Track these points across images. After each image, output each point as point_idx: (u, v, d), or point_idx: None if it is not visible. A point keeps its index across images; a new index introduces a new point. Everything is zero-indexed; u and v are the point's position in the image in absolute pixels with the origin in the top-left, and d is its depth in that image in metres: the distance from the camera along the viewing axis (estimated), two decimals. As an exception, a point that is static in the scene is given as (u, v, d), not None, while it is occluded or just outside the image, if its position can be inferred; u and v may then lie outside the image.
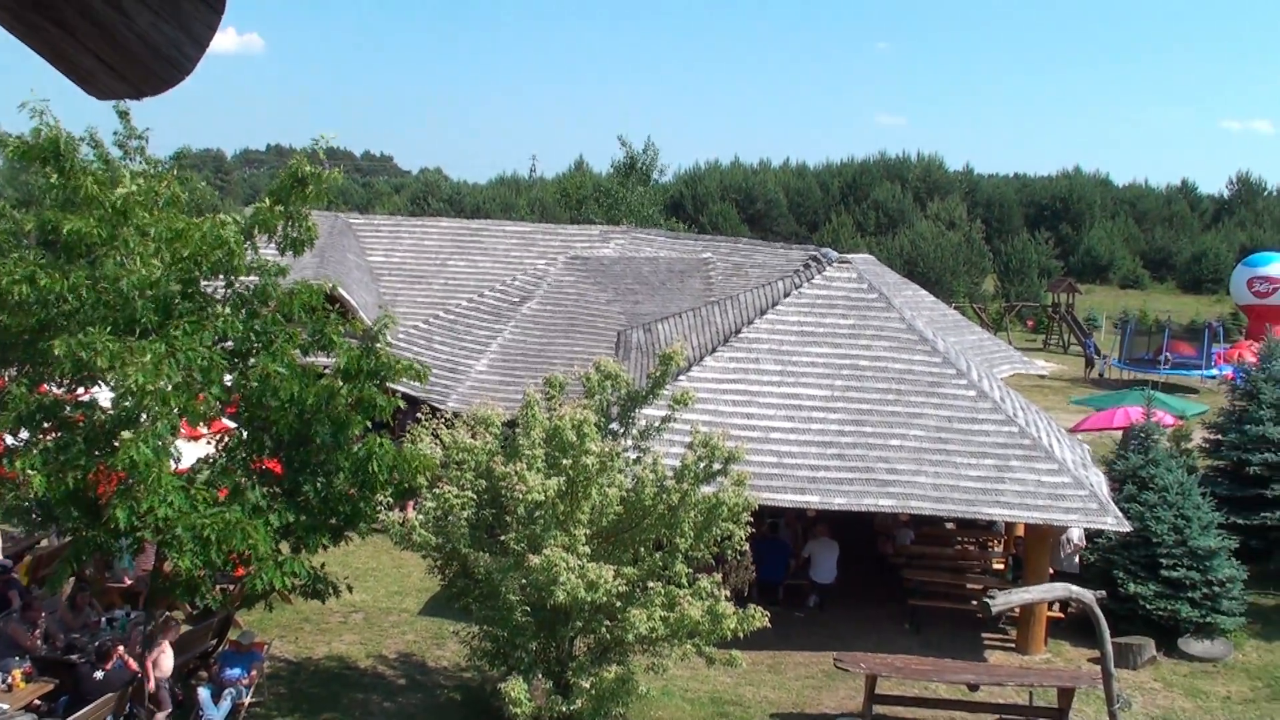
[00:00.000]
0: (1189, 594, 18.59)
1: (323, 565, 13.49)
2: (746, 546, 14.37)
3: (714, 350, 19.86)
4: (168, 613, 15.90)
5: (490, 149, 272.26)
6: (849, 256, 24.15)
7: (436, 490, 13.99)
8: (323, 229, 26.12)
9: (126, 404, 11.43)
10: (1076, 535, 18.98)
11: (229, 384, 12.49)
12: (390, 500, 13.60)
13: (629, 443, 14.88)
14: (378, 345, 13.08)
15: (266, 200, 13.06)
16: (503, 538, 13.64)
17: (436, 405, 20.87)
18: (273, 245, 13.27)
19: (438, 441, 14.41)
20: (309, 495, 12.56)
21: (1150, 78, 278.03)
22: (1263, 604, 20.45)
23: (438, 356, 25.62)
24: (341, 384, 12.44)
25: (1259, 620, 19.76)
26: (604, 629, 13.66)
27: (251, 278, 13.10)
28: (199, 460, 13.09)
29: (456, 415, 16.30)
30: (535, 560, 12.55)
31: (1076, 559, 19.24)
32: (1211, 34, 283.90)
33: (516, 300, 27.88)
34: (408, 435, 14.59)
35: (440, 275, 29.72)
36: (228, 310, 12.68)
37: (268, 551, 11.88)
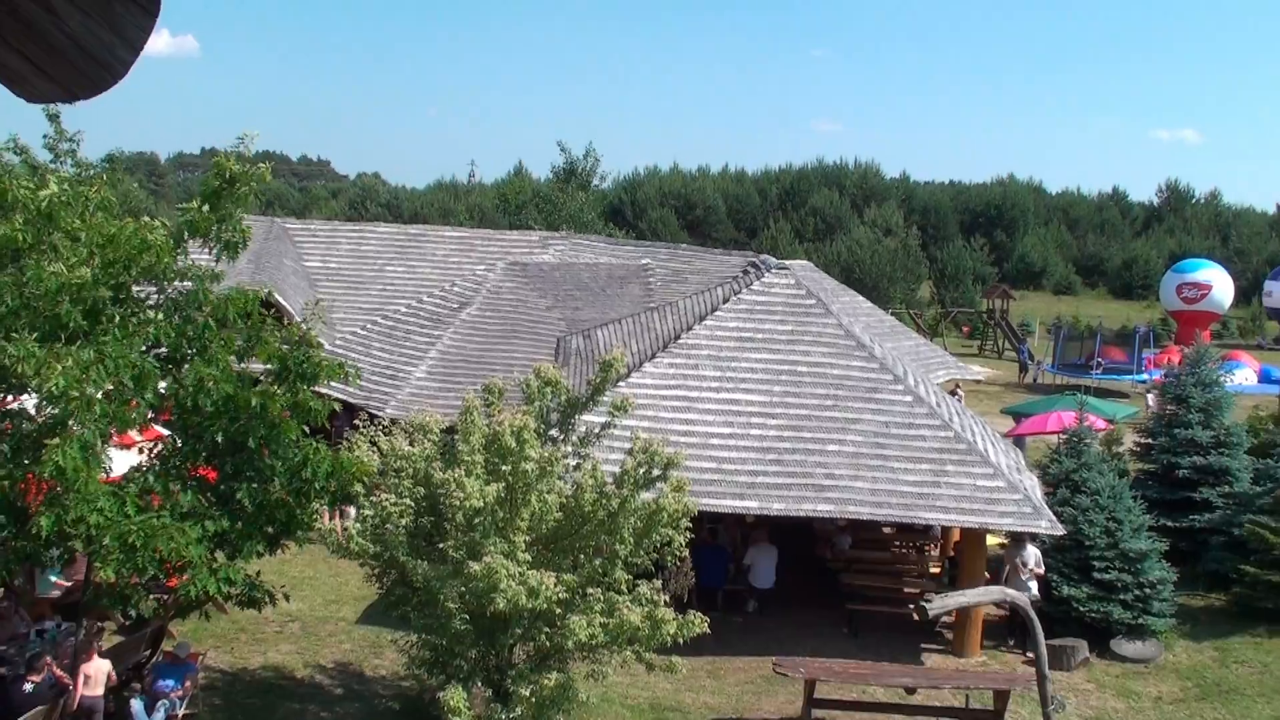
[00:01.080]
0: (1121, 596, 18.87)
1: (258, 574, 13.32)
2: (686, 552, 14.39)
3: (653, 356, 19.88)
4: (99, 624, 15.64)
5: (429, 154, 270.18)
6: (787, 263, 24.30)
7: (374, 498, 13.87)
8: (258, 234, 25.87)
9: (52, 410, 11.22)
10: (1033, 560, 18.98)
11: (163, 390, 12.30)
12: (327, 507, 13.45)
13: (569, 449, 14.86)
14: (309, 347, 12.91)
15: (195, 202, 12.84)
16: (441, 545, 13.55)
17: (375, 412, 20.73)
18: (206, 250, 13.07)
19: (375, 448, 14.29)
20: (243, 502, 12.39)
21: (1082, 87, 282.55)
22: (1192, 605, 20.81)
23: (376, 363, 25.44)
24: (276, 388, 12.29)
25: (1188, 621, 20.11)
26: (544, 636, 13.61)
27: (186, 283, 12.90)
28: (132, 468, 12.89)
29: (395, 422, 16.19)
30: (475, 568, 12.47)
31: (1034, 584, 18.99)
32: (1141, 45, 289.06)
33: (455, 306, 27.76)
34: (345, 442, 14.46)
35: (378, 281, 29.51)
36: (160, 316, 12.48)
37: (201, 558, 11.71)
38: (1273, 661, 18.74)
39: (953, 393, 35.56)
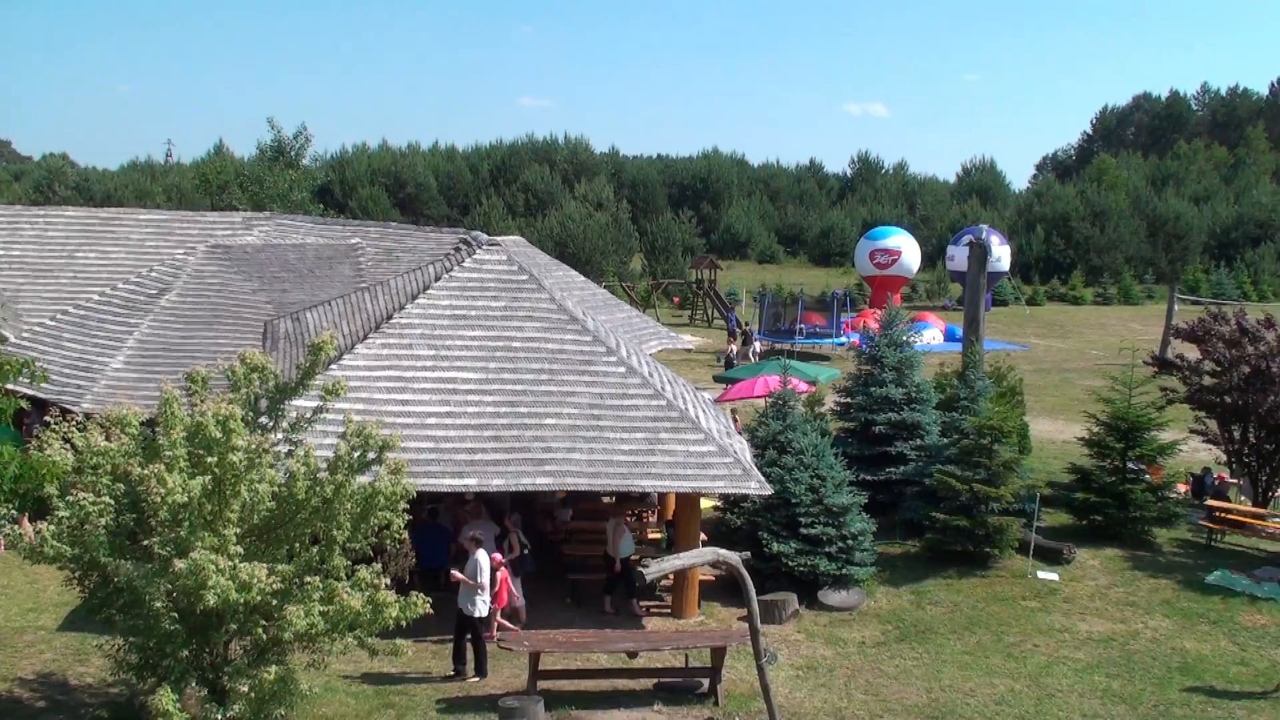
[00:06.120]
0: (826, 549, 19.92)
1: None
2: (405, 534, 14.29)
3: (365, 337, 19.58)
4: None
5: (122, 133, 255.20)
6: (499, 239, 24.31)
7: (70, 498, 13.13)
8: (-73, 221, 23.96)
9: None
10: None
11: None
12: (15, 513, 12.65)
13: (279, 436, 14.49)
14: None
15: None
16: (146, 543, 12.98)
17: (68, 407, 19.61)
18: None
19: (70, 446, 13.52)
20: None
21: (779, 63, 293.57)
22: (890, 553, 22.18)
23: (68, 355, 24.09)
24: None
25: (887, 568, 21.41)
26: (260, 629, 13.26)
27: None
28: None
29: (90, 417, 15.36)
30: (181, 564, 12.03)
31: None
32: (833, 20, 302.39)
33: (154, 292, 26.56)
34: (35, 440, 13.62)
35: (68, 268, 27.85)
36: None
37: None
38: (962, 600, 20.20)
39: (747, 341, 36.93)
